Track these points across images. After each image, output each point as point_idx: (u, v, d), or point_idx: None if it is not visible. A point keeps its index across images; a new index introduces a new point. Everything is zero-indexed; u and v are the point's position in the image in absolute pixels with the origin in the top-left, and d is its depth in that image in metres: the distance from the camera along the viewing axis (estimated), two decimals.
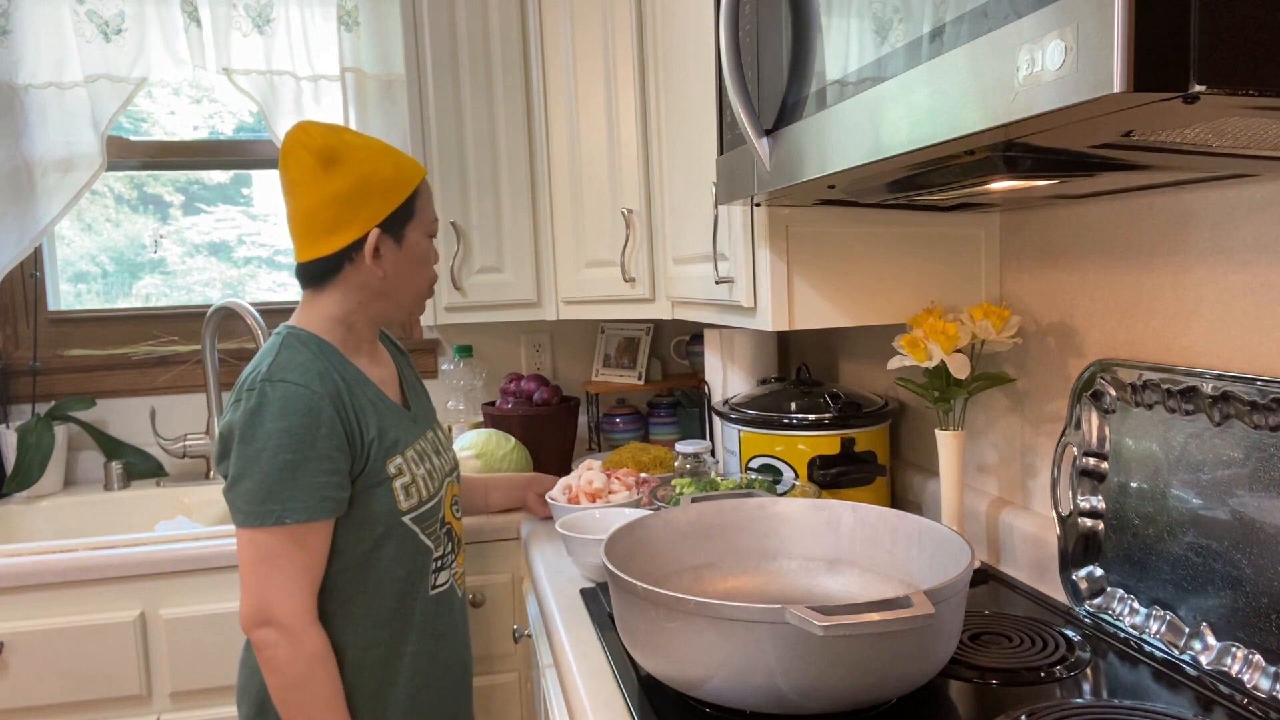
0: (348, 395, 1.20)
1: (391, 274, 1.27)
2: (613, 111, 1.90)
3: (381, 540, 1.24)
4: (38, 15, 2.12)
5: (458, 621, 1.39)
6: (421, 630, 1.30)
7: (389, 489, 1.23)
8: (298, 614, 1.15)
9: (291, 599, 1.15)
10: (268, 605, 1.14)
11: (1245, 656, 0.91)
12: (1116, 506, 1.10)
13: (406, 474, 1.26)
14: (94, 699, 1.73)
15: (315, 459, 1.14)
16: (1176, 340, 1.06)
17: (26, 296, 2.26)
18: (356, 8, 2.26)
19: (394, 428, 1.26)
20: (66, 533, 2.11)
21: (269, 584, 1.14)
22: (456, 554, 1.38)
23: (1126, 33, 0.49)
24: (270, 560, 1.14)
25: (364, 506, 1.22)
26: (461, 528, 1.43)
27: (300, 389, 1.15)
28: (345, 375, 1.23)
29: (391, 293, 1.29)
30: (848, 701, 0.87)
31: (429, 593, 1.31)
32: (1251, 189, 0.96)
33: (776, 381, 1.81)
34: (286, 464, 1.13)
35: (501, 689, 1.87)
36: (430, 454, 1.34)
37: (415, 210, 1.27)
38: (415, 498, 1.27)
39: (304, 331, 1.24)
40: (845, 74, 0.83)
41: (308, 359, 1.19)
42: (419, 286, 1.31)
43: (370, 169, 1.22)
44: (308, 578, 1.17)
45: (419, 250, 1.29)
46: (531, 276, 2.07)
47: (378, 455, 1.22)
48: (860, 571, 1.16)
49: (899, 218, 1.35)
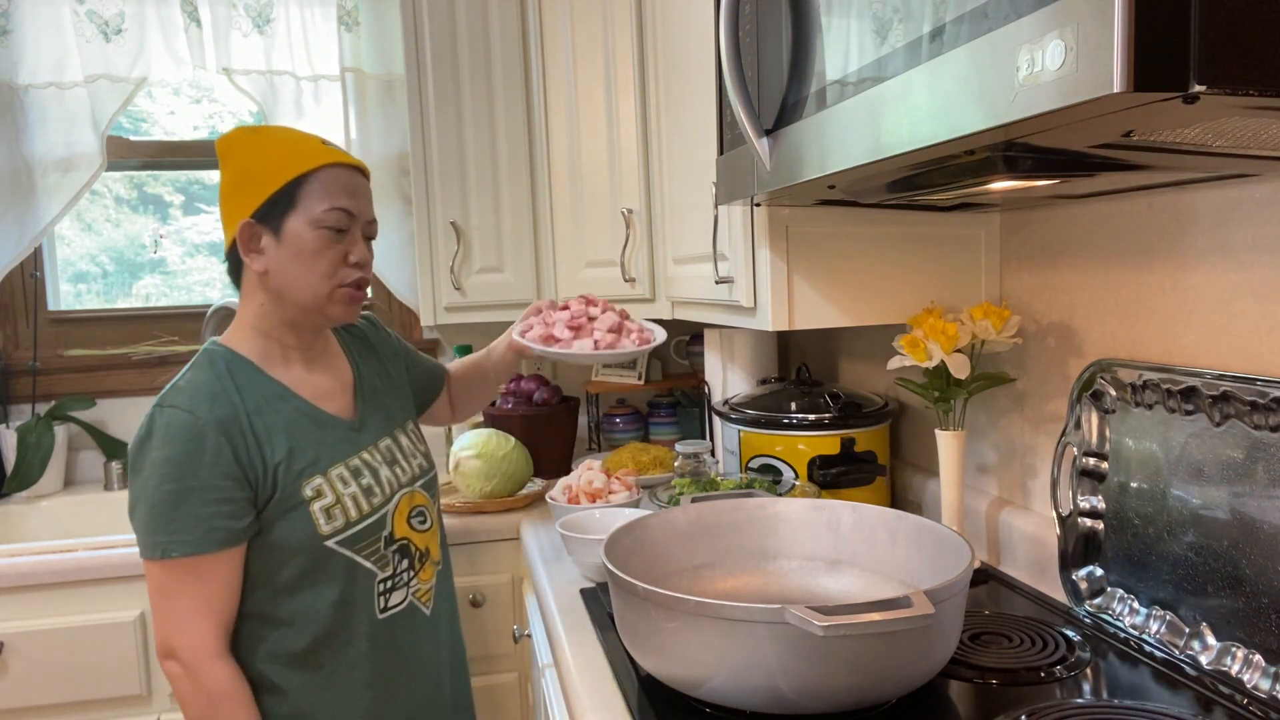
0: (248, 418, 1.12)
1: (274, 270, 1.15)
2: (613, 111, 1.90)
3: (307, 568, 1.15)
4: (38, 15, 2.12)
5: (423, 640, 1.28)
6: (374, 655, 1.21)
7: (305, 513, 1.13)
8: (194, 649, 1.08)
9: (187, 634, 1.08)
10: (167, 638, 1.09)
11: (1245, 656, 0.91)
12: (1116, 506, 1.10)
13: (328, 495, 1.15)
14: (94, 699, 1.73)
15: (199, 489, 1.07)
16: (1176, 340, 1.06)
17: (26, 296, 2.26)
18: (356, 8, 2.26)
19: (314, 446, 1.17)
20: (66, 533, 2.11)
21: (167, 617, 1.09)
22: (418, 570, 1.27)
23: (1126, 33, 0.49)
24: (167, 593, 1.08)
25: (279, 533, 1.13)
26: (430, 539, 1.30)
27: (185, 415, 1.08)
28: (255, 394, 1.15)
29: (284, 292, 1.16)
30: (848, 701, 0.87)
31: (377, 616, 1.21)
32: (1251, 189, 0.96)
33: (776, 381, 1.81)
34: (169, 495, 1.07)
35: (501, 689, 1.87)
36: (377, 466, 1.23)
37: (298, 199, 1.13)
38: (340, 520, 1.16)
39: (221, 347, 1.18)
40: (845, 74, 0.83)
41: (206, 380, 1.13)
42: (311, 284, 1.15)
43: (250, 160, 1.15)
44: (210, 610, 1.09)
45: (300, 242, 1.14)
46: (531, 277, 2.07)
47: (287, 479, 1.13)
48: (860, 571, 1.16)
49: (899, 218, 1.35)
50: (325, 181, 1.15)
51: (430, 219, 2.06)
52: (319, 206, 1.14)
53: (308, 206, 1.14)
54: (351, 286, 1.18)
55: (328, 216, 1.14)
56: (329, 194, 1.14)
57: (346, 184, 1.17)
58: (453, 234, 2.05)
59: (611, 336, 1.40)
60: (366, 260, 1.19)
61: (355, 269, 1.18)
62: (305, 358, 1.23)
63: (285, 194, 1.13)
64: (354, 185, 1.18)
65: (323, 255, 1.15)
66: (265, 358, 1.19)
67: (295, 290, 1.16)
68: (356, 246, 1.18)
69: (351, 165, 1.19)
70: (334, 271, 1.16)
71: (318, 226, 1.14)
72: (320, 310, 1.18)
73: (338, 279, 1.17)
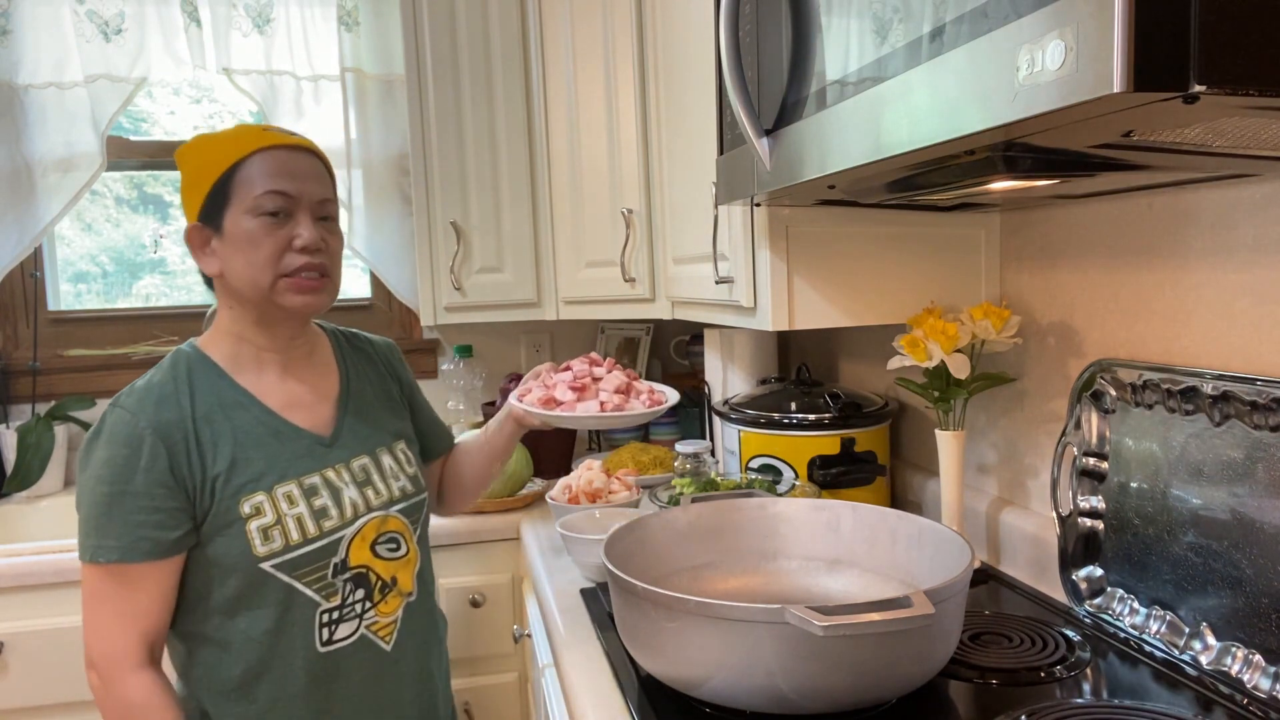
0: (194, 424, 1.08)
1: (225, 269, 1.11)
2: (613, 111, 1.90)
3: (243, 590, 1.09)
4: (38, 15, 2.12)
5: (380, 678, 1.17)
6: (314, 691, 1.12)
7: (241, 531, 1.07)
8: (112, 658, 1.05)
9: (106, 641, 1.05)
10: (89, 646, 1.06)
11: (1245, 656, 0.91)
12: (1116, 506, 1.10)
13: (268, 514, 1.09)
14: (94, 699, 1.72)
15: (132, 494, 1.04)
16: (1176, 340, 1.06)
17: (26, 296, 2.26)
18: (356, 8, 2.26)
19: (264, 459, 1.11)
20: (66, 533, 2.11)
21: (90, 623, 1.06)
22: (377, 601, 1.17)
23: (1126, 33, 0.49)
24: (94, 598, 1.06)
25: (215, 550, 1.08)
26: (402, 569, 1.20)
27: (128, 417, 1.06)
28: (210, 400, 1.11)
29: (239, 289, 1.11)
30: (848, 701, 0.87)
31: (317, 649, 1.12)
32: (1251, 189, 0.96)
33: (776, 381, 1.81)
34: (104, 497, 1.04)
35: (501, 689, 1.87)
36: (341, 486, 1.15)
37: (232, 190, 1.09)
38: (278, 542, 1.09)
39: (191, 349, 1.15)
40: (845, 74, 0.83)
41: (160, 382, 1.10)
42: (254, 275, 1.09)
43: (190, 163, 1.12)
44: (134, 621, 1.05)
45: (239, 234, 1.09)
46: (531, 276, 2.07)
47: (225, 493, 1.07)
48: (860, 571, 1.16)
49: (899, 218, 1.35)
50: (258, 167, 1.09)
51: (430, 219, 2.06)
52: (252, 193, 1.08)
53: (240, 197, 1.09)
54: (300, 273, 1.10)
55: (262, 201, 1.08)
56: (261, 178, 1.09)
57: (282, 166, 1.10)
58: (453, 234, 2.05)
59: (619, 398, 1.28)
60: (314, 243, 1.10)
61: (301, 254, 1.10)
62: (281, 362, 1.18)
63: (219, 188, 1.09)
64: (293, 166, 1.11)
65: (261, 244, 1.09)
66: (235, 362, 1.15)
67: (244, 284, 1.10)
68: (302, 230, 1.10)
69: (291, 145, 1.12)
70: (276, 259, 1.09)
71: (254, 214, 1.08)
72: (270, 302, 1.11)
73: (281, 267, 1.10)
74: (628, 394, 1.29)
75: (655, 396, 1.30)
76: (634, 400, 1.29)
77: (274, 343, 1.17)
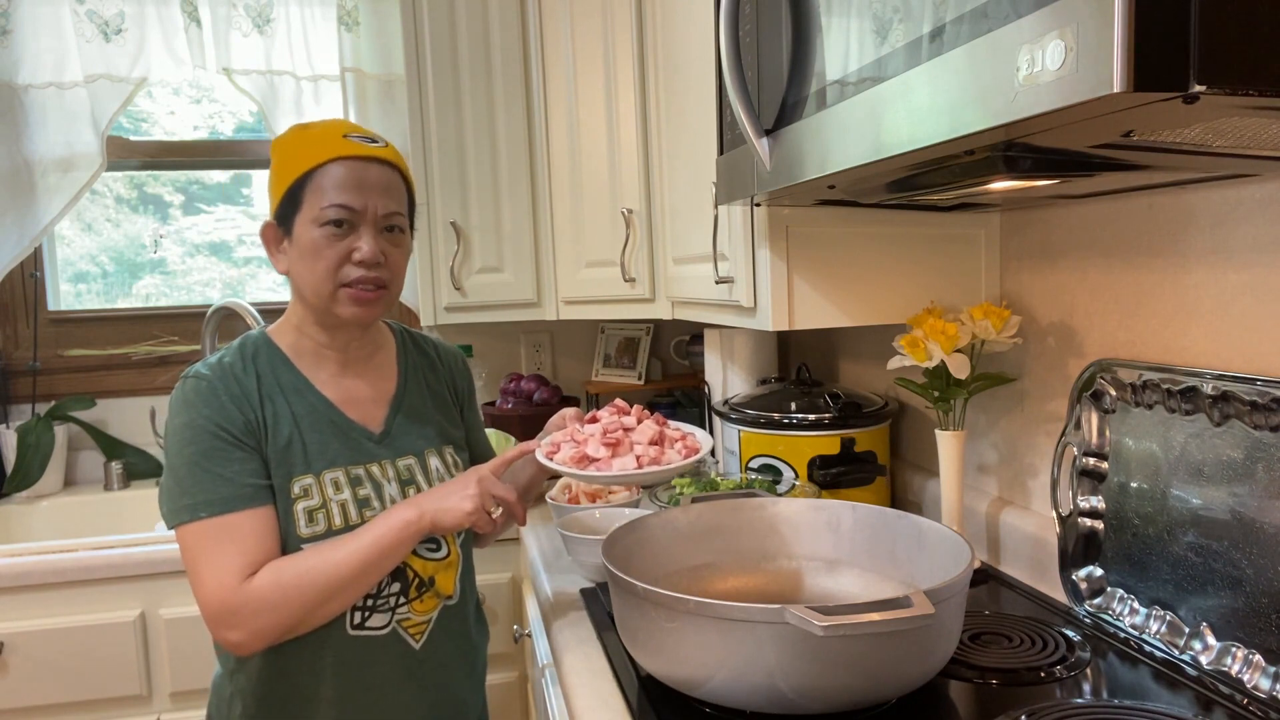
0: (259, 400, 1.12)
1: (292, 270, 1.16)
2: (613, 112, 1.90)
3: None
4: (38, 15, 2.12)
5: (399, 678, 1.17)
6: (340, 676, 1.14)
7: (288, 510, 1.10)
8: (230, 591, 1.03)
9: (224, 589, 1.04)
10: (207, 605, 1.04)
11: (1245, 656, 0.91)
12: (1116, 506, 1.10)
13: (315, 497, 1.11)
14: (94, 699, 1.73)
15: (220, 449, 1.07)
16: (1176, 340, 1.06)
17: (26, 296, 2.26)
18: (356, 8, 2.26)
19: (318, 444, 1.14)
20: (66, 533, 2.11)
21: (203, 583, 1.05)
22: (412, 599, 1.17)
23: (1126, 33, 0.49)
24: (202, 554, 1.06)
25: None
26: (442, 570, 1.21)
27: (203, 384, 1.10)
28: (273, 381, 1.15)
29: (302, 290, 1.16)
30: (848, 701, 0.87)
31: (348, 631, 1.13)
32: (1251, 189, 0.96)
33: (776, 381, 1.81)
34: (191, 457, 1.07)
35: (501, 689, 1.87)
36: (383, 482, 1.17)
37: (303, 198, 1.12)
38: (322, 525, 1.11)
39: (258, 334, 1.20)
40: (845, 74, 0.83)
41: (230, 361, 1.14)
42: (315, 283, 1.13)
43: (276, 160, 1.16)
44: (242, 569, 1.05)
45: (305, 241, 1.12)
46: (531, 276, 2.07)
47: (279, 472, 1.11)
48: (860, 571, 1.16)
49: (899, 218, 1.35)
50: (330, 177, 1.12)
51: (430, 219, 2.06)
52: (319, 204, 1.11)
53: (310, 205, 1.12)
54: (357, 285, 1.13)
55: (326, 213, 1.11)
56: (329, 190, 1.11)
57: (353, 177, 1.13)
58: (453, 234, 2.05)
59: (655, 450, 1.23)
60: (372, 257, 1.12)
61: (359, 267, 1.12)
62: (341, 360, 1.20)
63: (292, 194, 1.13)
64: (365, 178, 1.13)
65: (323, 254, 1.12)
66: (298, 352, 1.19)
67: (306, 289, 1.14)
68: (362, 243, 1.12)
69: (365, 157, 1.14)
70: (336, 270, 1.12)
71: (318, 224, 1.12)
72: (328, 310, 1.14)
73: (339, 278, 1.12)
74: (661, 444, 1.25)
75: (689, 443, 1.26)
76: (669, 450, 1.25)
77: (334, 342, 1.20)
